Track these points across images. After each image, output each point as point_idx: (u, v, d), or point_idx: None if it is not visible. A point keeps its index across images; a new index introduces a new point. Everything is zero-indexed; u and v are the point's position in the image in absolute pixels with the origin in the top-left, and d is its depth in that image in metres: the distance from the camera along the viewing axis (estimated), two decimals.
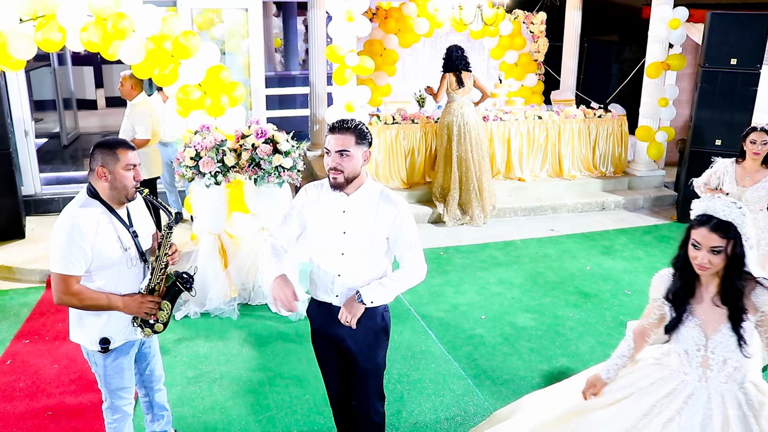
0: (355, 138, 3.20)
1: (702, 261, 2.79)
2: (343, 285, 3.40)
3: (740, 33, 8.17)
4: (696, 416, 2.86)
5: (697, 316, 2.91)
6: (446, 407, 4.66)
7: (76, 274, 3.18)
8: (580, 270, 7.13)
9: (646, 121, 9.65)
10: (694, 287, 2.93)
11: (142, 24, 5.76)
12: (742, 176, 5.20)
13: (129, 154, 3.27)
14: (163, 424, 4.03)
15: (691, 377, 2.96)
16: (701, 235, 2.79)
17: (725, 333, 2.84)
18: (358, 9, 7.84)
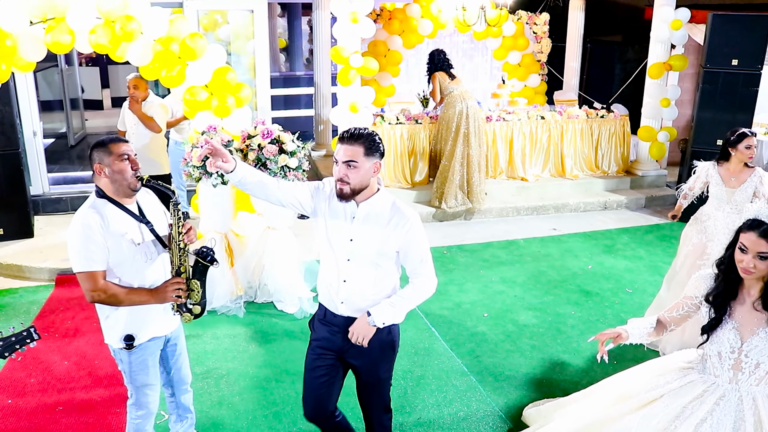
0: (364, 149, 3.10)
1: (747, 265, 2.84)
2: (349, 291, 3.32)
3: (741, 34, 8.24)
4: (728, 417, 2.91)
5: (735, 319, 2.95)
6: (449, 403, 4.75)
7: (99, 269, 3.25)
8: (581, 269, 7.21)
9: (648, 121, 9.73)
10: (737, 290, 2.98)
11: (150, 26, 5.85)
12: (728, 178, 5.26)
13: (122, 146, 3.32)
14: (186, 426, 4.10)
15: (721, 380, 3.01)
16: (749, 240, 2.84)
17: (762, 337, 2.89)
18: (362, 10, 7.93)
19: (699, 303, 3.09)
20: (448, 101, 8.51)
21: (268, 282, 6.17)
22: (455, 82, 8.46)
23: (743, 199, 5.20)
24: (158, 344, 3.62)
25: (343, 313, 3.36)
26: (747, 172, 5.23)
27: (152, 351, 3.57)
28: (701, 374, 3.10)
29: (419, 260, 3.33)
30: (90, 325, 5.77)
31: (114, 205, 3.35)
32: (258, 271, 6.22)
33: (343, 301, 3.34)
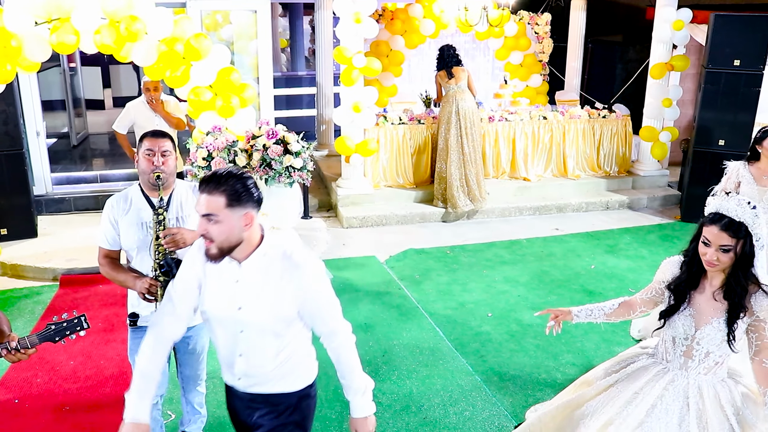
0: (227, 199, 2.55)
1: (710, 258, 2.87)
2: (247, 366, 2.82)
3: (743, 34, 8.25)
4: (676, 402, 2.98)
5: (693, 307, 3.01)
6: (455, 402, 4.76)
7: (103, 246, 3.60)
8: (584, 268, 7.22)
9: (650, 122, 9.74)
10: (698, 280, 3.02)
11: (155, 26, 5.87)
12: (759, 177, 5.21)
13: (149, 141, 3.50)
14: (193, 427, 4.12)
15: (672, 365, 3.09)
16: (712, 233, 2.87)
17: (715, 327, 2.93)
18: (365, 11, 7.95)
19: (664, 288, 3.15)
20: (444, 101, 8.56)
21: None
22: (452, 80, 8.47)
23: None
24: None
25: (242, 389, 2.90)
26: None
27: None
28: (654, 358, 3.19)
29: (329, 317, 2.84)
30: (95, 326, 5.77)
31: (141, 194, 3.58)
32: None
33: (241, 377, 2.86)
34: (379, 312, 6.10)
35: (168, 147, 3.52)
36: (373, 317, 5.99)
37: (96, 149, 11.68)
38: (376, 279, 6.81)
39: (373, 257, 7.37)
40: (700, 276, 3.01)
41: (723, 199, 2.93)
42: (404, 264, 7.22)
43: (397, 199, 8.80)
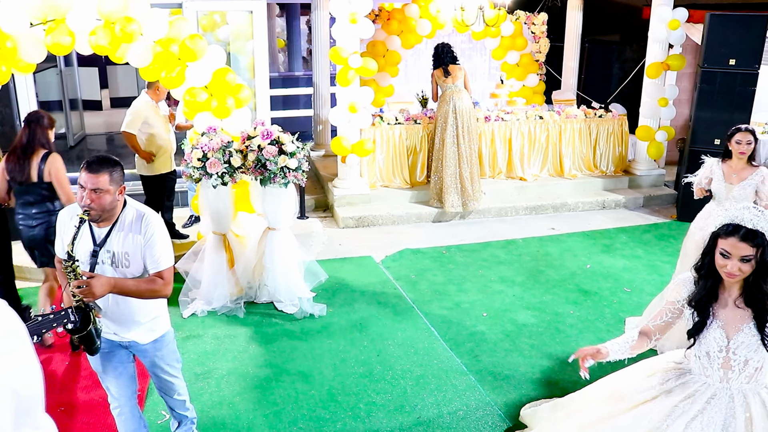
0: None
1: (732, 270, 2.85)
2: None
3: (738, 34, 8.27)
4: (719, 414, 2.95)
5: (719, 318, 2.97)
6: (449, 402, 4.78)
7: (57, 253, 3.59)
8: (580, 268, 7.24)
9: (646, 121, 9.75)
10: (717, 292, 2.99)
11: (150, 27, 5.87)
12: (729, 174, 5.30)
13: (85, 175, 3.25)
14: (183, 429, 4.16)
15: (712, 379, 3.04)
16: (731, 245, 2.84)
17: (747, 333, 2.92)
18: (361, 11, 7.95)
19: (681, 307, 3.10)
20: (441, 99, 8.57)
21: (268, 282, 6.19)
22: (449, 79, 8.47)
23: (742, 197, 5.21)
24: (112, 342, 3.62)
25: None
26: (749, 170, 5.24)
27: (103, 342, 3.51)
28: (692, 375, 3.13)
29: None
30: None
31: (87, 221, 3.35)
32: (258, 271, 6.24)
33: None
34: (374, 312, 6.11)
35: (102, 184, 3.25)
36: (368, 317, 6.00)
37: (93, 150, 11.70)
38: (371, 279, 6.82)
39: (369, 257, 7.38)
40: (717, 288, 2.99)
41: (737, 210, 2.91)
42: (400, 264, 7.23)
43: (394, 199, 8.81)
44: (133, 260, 3.44)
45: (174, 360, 3.88)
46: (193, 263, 6.21)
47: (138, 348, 3.70)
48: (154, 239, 3.45)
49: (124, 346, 3.68)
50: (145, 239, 3.43)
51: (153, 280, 3.46)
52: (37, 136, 5.13)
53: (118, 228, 3.42)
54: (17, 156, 5.10)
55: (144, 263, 3.47)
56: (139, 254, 3.45)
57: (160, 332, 3.72)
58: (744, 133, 5.21)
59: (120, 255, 3.42)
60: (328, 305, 6.17)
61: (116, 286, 3.29)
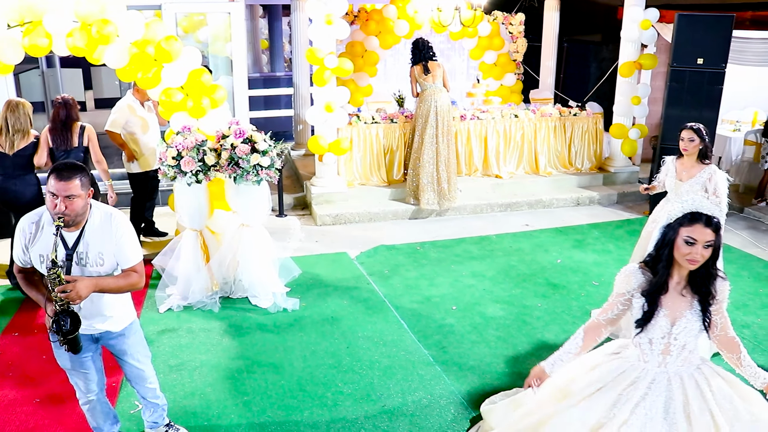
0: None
1: (696, 256, 3.00)
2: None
3: (706, 33, 8.47)
4: (659, 398, 3.13)
5: (664, 307, 3.13)
6: (413, 391, 4.94)
7: (16, 262, 3.65)
8: (551, 263, 7.41)
9: (620, 119, 9.94)
10: (668, 282, 3.14)
11: (126, 29, 6.00)
12: (680, 171, 5.49)
13: (55, 183, 3.33)
14: (156, 416, 4.31)
15: (651, 365, 3.21)
16: (696, 231, 2.99)
17: (689, 319, 3.10)
18: (337, 12, 8.10)
19: (631, 297, 3.22)
20: (420, 98, 8.71)
21: (242, 278, 6.34)
22: (429, 77, 8.62)
23: (690, 192, 5.37)
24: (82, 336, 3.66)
25: None
26: (698, 168, 5.42)
27: None
28: (631, 363, 3.28)
29: None
30: None
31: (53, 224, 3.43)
32: (233, 267, 6.38)
33: None
34: (346, 306, 6.26)
35: (74, 190, 3.34)
36: (340, 311, 6.16)
37: None
38: (345, 275, 6.97)
39: (344, 253, 7.53)
40: (668, 278, 3.13)
41: (694, 200, 3.06)
42: (374, 260, 7.39)
43: (371, 197, 8.97)
44: (106, 259, 3.58)
45: (142, 347, 4.06)
46: (170, 260, 6.34)
47: (110, 338, 3.86)
48: (124, 237, 3.60)
49: (94, 339, 3.83)
50: (115, 238, 3.58)
51: (129, 274, 3.63)
52: (71, 112, 6.59)
53: (88, 230, 3.54)
54: (59, 128, 6.54)
55: (116, 259, 3.61)
56: (111, 253, 3.59)
57: (129, 320, 3.92)
58: (687, 131, 5.40)
59: (94, 256, 3.56)
60: (302, 300, 6.32)
61: (98, 285, 3.46)
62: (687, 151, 5.39)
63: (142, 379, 4.13)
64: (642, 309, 3.16)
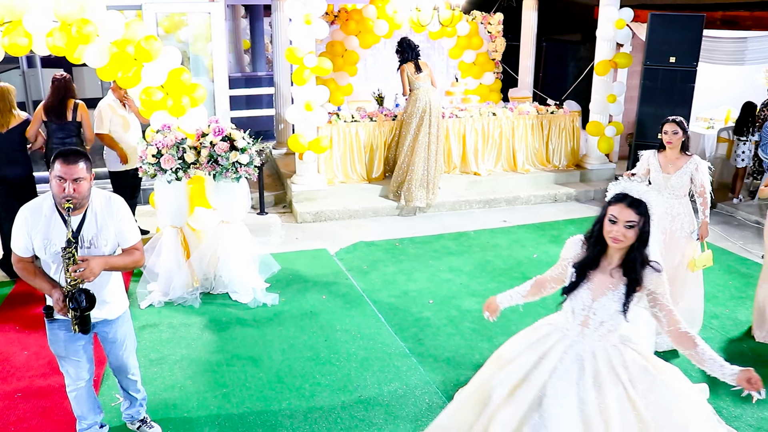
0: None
1: (617, 234, 3.16)
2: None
3: (678, 33, 8.67)
4: (573, 365, 3.29)
5: (591, 281, 3.30)
6: (389, 381, 5.06)
7: (16, 252, 3.72)
8: (527, 258, 7.56)
9: (596, 117, 10.12)
10: (600, 259, 3.31)
11: (106, 29, 6.08)
12: (665, 164, 5.60)
13: (62, 167, 3.49)
14: (135, 409, 4.42)
15: (571, 333, 3.39)
16: (618, 211, 3.16)
17: (609, 298, 3.25)
18: (316, 12, 8.21)
19: (567, 264, 3.43)
20: (413, 96, 8.82)
21: (223, 273, 6.43)
22: (421, 76, 8.76)
23: (679, 185, 5.53)
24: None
25: None
26: (684, 159, 5.54)
27: (66, 327, 3.82)
28: (556, 327, 3.48)
29: None
30: None
31: (56, 210, 3.64)
32: (213, 263, 6.48)
33: None
34: (324, 301, 6.37)
35: (81, 173, 3.52)
36: (319, 306, 6.27)
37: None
38: (325, 270, 7.08)
39: (323, 250, 7.64)
40: (601, 255, 3.31)
41: (626, 182, 3.24)
42: (353, 256, 7.50)
43: (350, 195, 9.08)
44: (109, 240, 3.79)
45: (132, 337, 4.23)
46: (150, 256, 6.42)
47: (105, 325, 3.99)
48: (124, 219, 3.84)
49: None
50: (116, 219, 3.79)
51: (131, 252, 3.88)
52: (67, 88, 7.08)
53: (91, 213, 3.72)
54: (56, 103, 7.01)
55: (117, 240, 3.83)
56: (113, 234, 3.79)
57: (123, 308, 4.10)
58: (670, 124, 5.53)
59: (97, 237, 3.74)
60: (281, 295, 6.43)
61: (107, 262, 3.70)
62: (671, 143, 5.51)
63: (126, 369, 4.24)
64: (571, 278, 3.37)
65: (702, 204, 5.51)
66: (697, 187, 5.51)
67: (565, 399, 3.23)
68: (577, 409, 3.20)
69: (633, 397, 3.18)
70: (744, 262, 7.54)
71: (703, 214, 5.52)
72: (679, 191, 5.57)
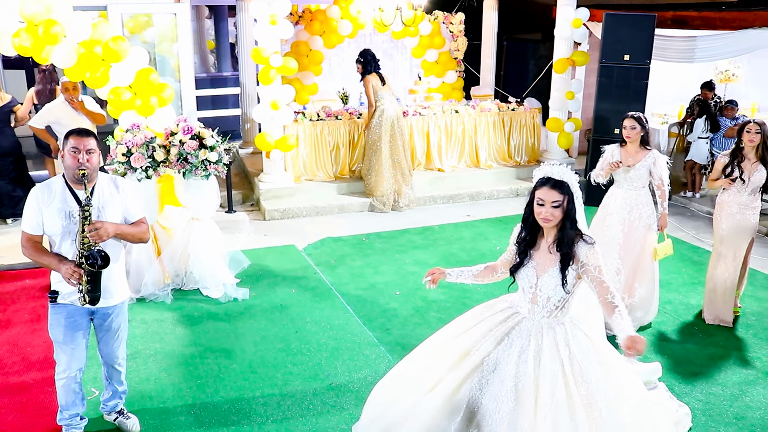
0: None
1: (546, 215, 3.42)
2: None
3: (631, 32, 9.00)
4: (519, 340, 3.54)
5: (533, 260, 3.57)
6: (359, 369, 5.24)
7: (27, 231, 3.91)
8: (490, 249, 7.80)
9: (556, 113, 10.43)
10: (536, 238, 3.58)
11: (73, 30, 6.16)
12: (626, 158, 5.87)
13: (75, 140, 3.83)
14: (114, 402, 4.52)
15: (522, 310, 3.64)
16: (544, 193, 3.43)
17: (551, 274, 3.49)
18: (280, 13, 8.36)
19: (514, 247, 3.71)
20: (380, 108, 8.94)
21: (193, 270, 6.55)
22: (386, 89, 8.95)
23: (637, 177, 5.82)
24: (79, 311, 4.04)
25: None
26: (643, 153, 5.83)
27: (70, 314, 4.03)
28: (508, 304, 3.74)
29: None
30: (22, 317, 6.05)
31: (65, 186, 3.90)
32: (184, 260, 6.59)
33: None
34: (294, 295, 6.53)
35: (92, 145, 3.85)
36: (289, 299, 6.43)
37: None
38: (294, 265, 7.24)
39: (292, 246, 7.79)
40: (536, 235, 3.58)
41: (547, 166, 3.51)
42: (321, 251, 7.67)
43: (317, 192, 9.25)
44: (116, 213, 4.01)
45: (126, 327, 4.40)
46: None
47: (107, 312, 4.15)
48: (130, 195, 4.11)
49: (90, 314, 4.11)
50: (122, 196, 4.06)
51: (139, 224, 4.13)
52: (53, 78, 8.59)
53: (99, 188, 3.97)
54: (44, 88, 8.59)
55: (123, 216, 4.06)
56: (119, 209, 4.03)
57: (125, 296, 4.27)
58: (629, 119, 5.81)
59: (104, 208, 3.96)
60: (252, 290, 6.57)
61: (119, 228, 3.95)
62: (630, 138, 5.79)
63: (115, 359, 4.37)
64: (515, 258, 3.65)
65: (660, 196, 5.80)
66: (655, 180, 5.79)
67: (504, 369, 3.48)
68: (512, 380, 3.44)
69: (567, 375, 3.40)
70: (696, 250, 7.90)
71: (662, 206, 5.82)
72: (638, 183, 5.85)
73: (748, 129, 5.83)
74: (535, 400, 3.37)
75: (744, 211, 5.88)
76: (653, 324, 5.99)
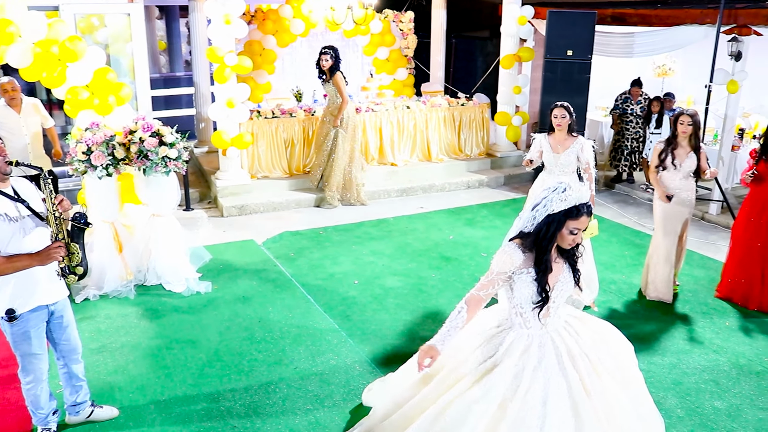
0: None
1: (578, 239, 3.35)
2: None
3: (573, 28, 9.39)
4: (551, 357, 3.43)
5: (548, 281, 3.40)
6: (321, 354, 5.47)
7: None
8: (443, 239, 8.09)
9: (504, 108, 10.79)
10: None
11: (28, 29, 6.22)
12: (555, 145, 6.23)
13: None
14: (81, 396, 4.57)
15: (533, 330, 3.48)
16: (583, 223, 3.29)
17: (563, 281, 3.43)
18: (234, 12, 8.50)
19: (511, 275, 3.39)
20: (347, 107, 9.06)
21: (156, 265, 6.67)
22: (348, 89, 9.18)
23: (567, 163, 6.17)
24: (41, 316, 4.05)
25: None
26: (571, 140, 6.18)
27: (35, 323, 4.02)
28: (515, 332, 3.52)
29: None
30: None
31: None
32: (146, 256, 6.71)
33: None
34: (256, 286, 6.72)
35: None
36: (251, 291, 6.61)
37: None
38: (254, 259, 7.41)
39: (251, 241, 7.96)
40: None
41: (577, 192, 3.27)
42: (280, 245, 7.86)
43: (274, 188, 9.42)
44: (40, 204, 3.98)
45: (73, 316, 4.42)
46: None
47: (59, 307, 4.17)
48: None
49: (50, 313, 4.13)
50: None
51: None
52: None
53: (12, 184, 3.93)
54: None
55: None
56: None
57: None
58: (558, 109, 6.17)
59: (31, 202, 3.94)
60: (214, 283, 6.72)
61: None
62: (560, 126, 6.14)
63: (76, 351, 4.43)
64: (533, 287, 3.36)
65: (588, 179, 6.15)
66: (582, 164, 6.16)
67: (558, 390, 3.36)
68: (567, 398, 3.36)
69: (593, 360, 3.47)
70: (638, 234, 8.33)
71: (590, 188, 6.17)
72: (568, 168, 6.21)
73: (681, 120, 6.22)
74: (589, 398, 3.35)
75: (680, 195, 6.28)
76: (599, 303, 6.35)
